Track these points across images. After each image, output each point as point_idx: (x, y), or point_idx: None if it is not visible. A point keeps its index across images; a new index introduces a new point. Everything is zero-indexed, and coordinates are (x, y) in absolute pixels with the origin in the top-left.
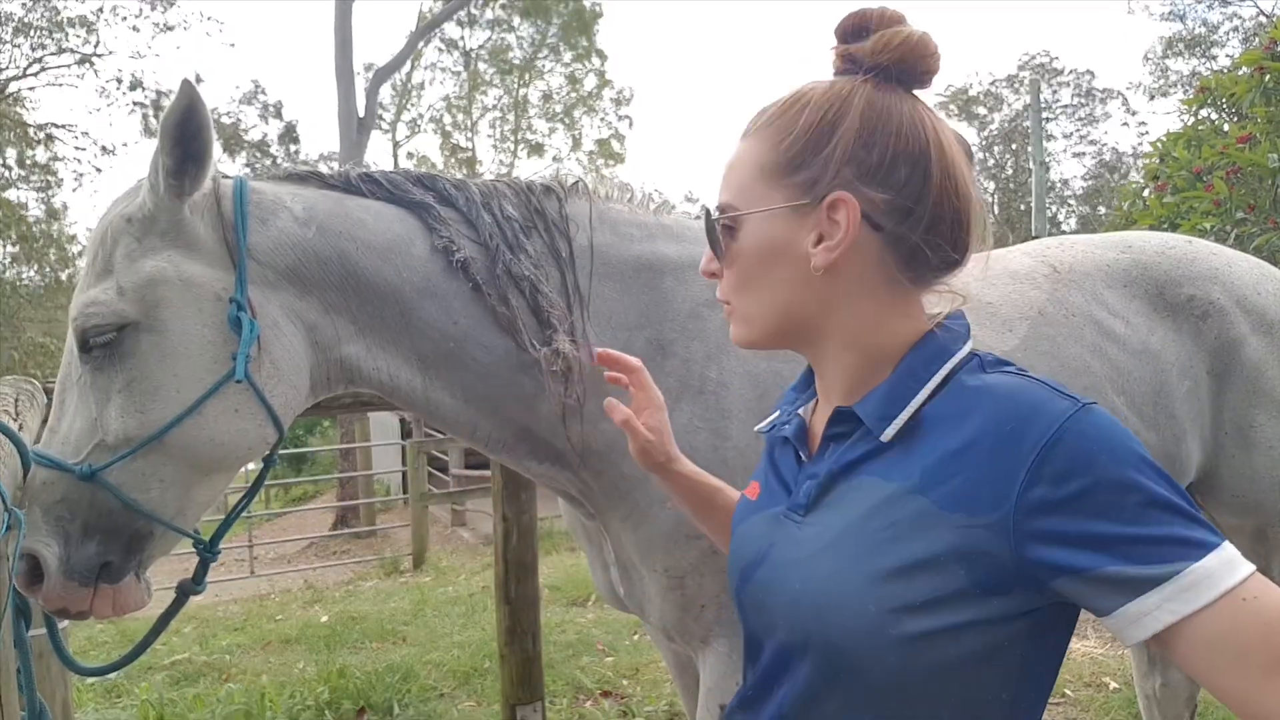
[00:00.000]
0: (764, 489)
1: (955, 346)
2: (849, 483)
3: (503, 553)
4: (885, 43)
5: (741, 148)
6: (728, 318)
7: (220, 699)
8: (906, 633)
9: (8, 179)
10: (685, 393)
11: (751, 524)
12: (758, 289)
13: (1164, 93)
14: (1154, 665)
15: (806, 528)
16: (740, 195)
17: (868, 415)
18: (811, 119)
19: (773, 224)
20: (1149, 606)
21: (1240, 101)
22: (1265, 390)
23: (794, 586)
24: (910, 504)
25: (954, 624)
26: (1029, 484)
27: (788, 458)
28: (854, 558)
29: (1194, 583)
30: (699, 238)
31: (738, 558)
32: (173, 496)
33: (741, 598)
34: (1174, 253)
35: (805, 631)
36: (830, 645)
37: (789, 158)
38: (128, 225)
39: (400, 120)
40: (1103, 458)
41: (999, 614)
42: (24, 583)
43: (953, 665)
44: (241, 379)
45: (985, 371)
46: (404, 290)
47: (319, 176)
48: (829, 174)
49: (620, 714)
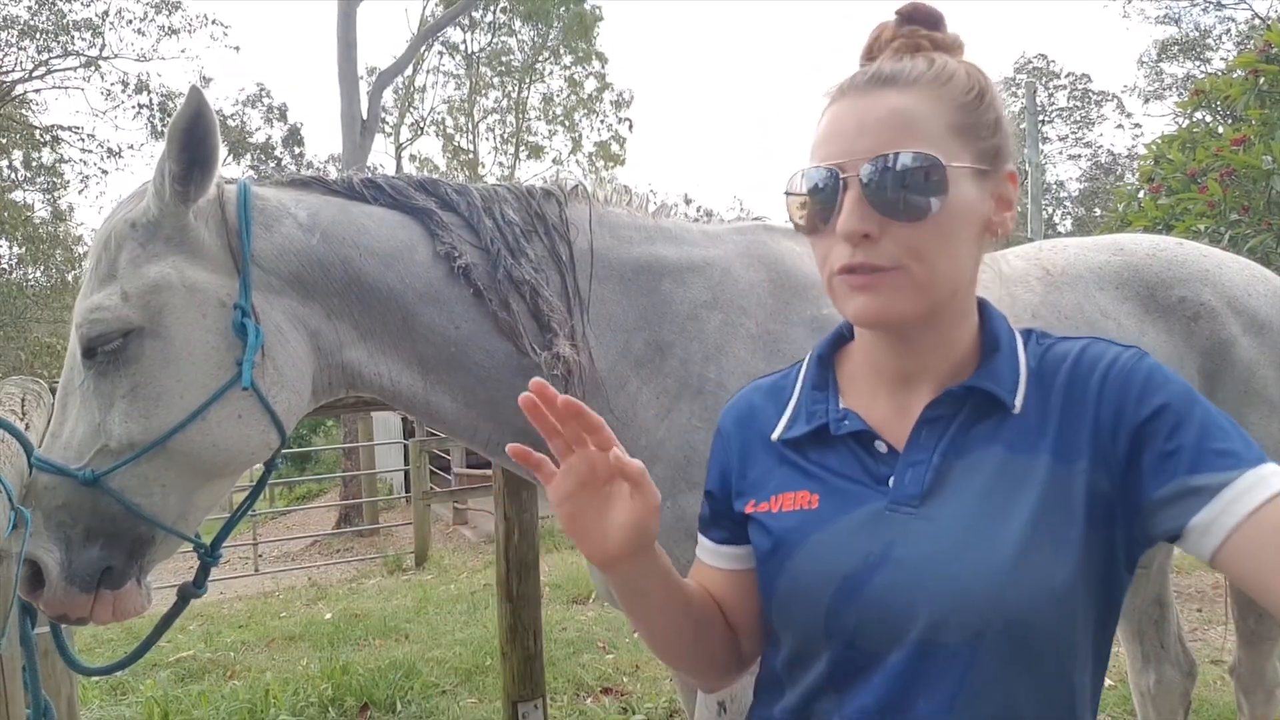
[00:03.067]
0: (825, 494)
1: (1003, 316)
2: (965, 461)
3: (504, 551)
4: (960, 42)
5: (900, 99)
6: (869, 288)
7: (225, 696)
8: (1077, 596)
9: (14, 181)
10: (684, 393)
11: (834, 531)
12: (950, 251)
13: (1159, 95)
14: (1148, 662)
15: (935, 516)
16: (938, 148)
17: (1000, 389)
18: (980, 90)
19: (968, 184)
20: (1216, 511)
21: (1235, 104)
22: (1257, 390)
23: (952, 577)
24: (1043, 467)
25: (1097, 574)
26: (1118, 416)
27: (840, 455)
28: (1017, 531)
29: (1252, 485)
30: (697, 240)
31: (825, 570)
32: (175, 501)
33: (842, 611)
34: (1165, 255)
35: (981, 621)
36: (1014, 626)
37: (973, 122)
38: (132, 230)
39: (403, 123)
40: (1168, 386)
41: (1117, 557)
42: (25, 588)
43: (1100, 620)
44: (248, 386)
45: (1039, 341)
46: (406, 296)
47: (322, 182)
48: (1005, 145)
49: (621, 711)
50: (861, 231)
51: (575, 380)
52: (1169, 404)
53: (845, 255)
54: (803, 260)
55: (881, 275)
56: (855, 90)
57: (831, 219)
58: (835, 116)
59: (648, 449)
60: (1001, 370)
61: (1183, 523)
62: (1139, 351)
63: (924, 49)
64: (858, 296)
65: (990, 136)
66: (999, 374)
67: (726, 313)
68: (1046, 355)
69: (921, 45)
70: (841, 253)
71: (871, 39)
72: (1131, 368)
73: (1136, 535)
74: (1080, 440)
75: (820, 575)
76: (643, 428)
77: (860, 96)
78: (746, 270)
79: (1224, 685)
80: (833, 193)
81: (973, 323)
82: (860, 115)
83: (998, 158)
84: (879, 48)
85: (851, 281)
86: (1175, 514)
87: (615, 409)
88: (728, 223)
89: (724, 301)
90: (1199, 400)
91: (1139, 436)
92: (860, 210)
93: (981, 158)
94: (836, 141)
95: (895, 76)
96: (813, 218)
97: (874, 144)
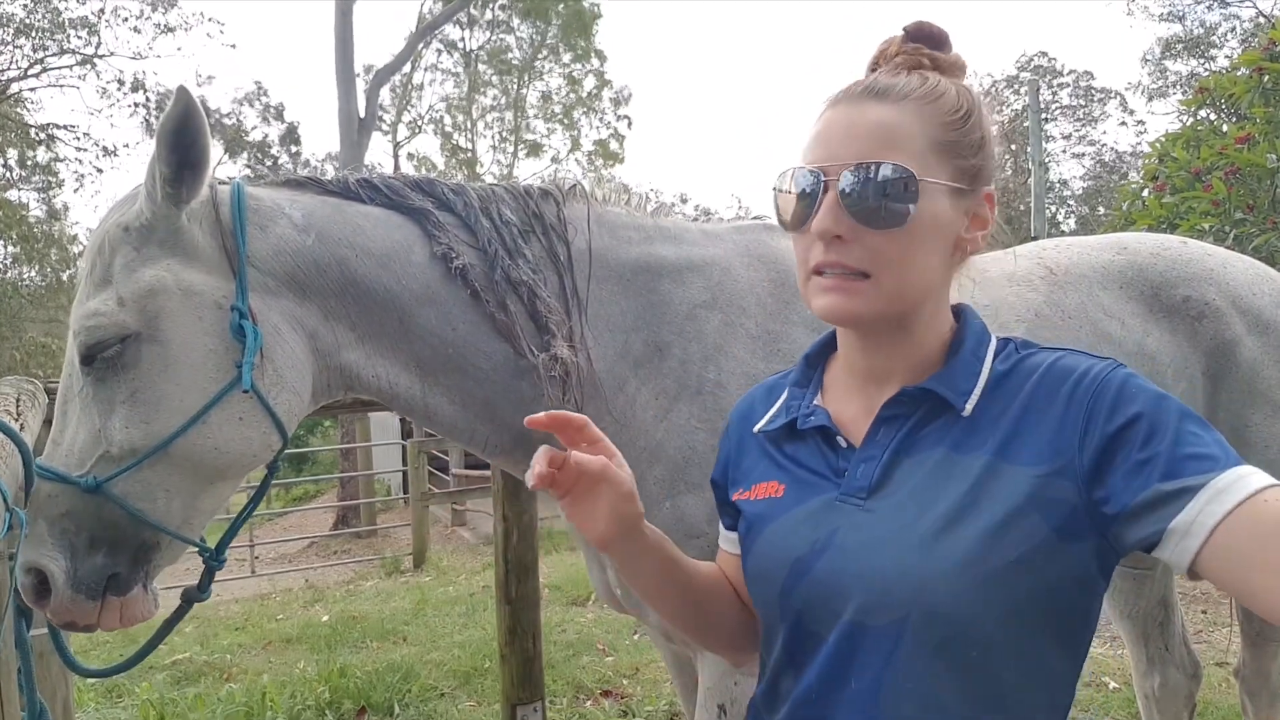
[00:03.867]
0: (790, 484)
1: (981, 325)
2: (913, 459)
3: (503, 552)
4: (962, 64)
5: (887, 113)
6: (836, 289)
7: (221, 698)
8: (1003, 591)
9: (9, 180)
10: (683, 393)
11: (791, 518)
12: (917, 261)
13: (1163, 93)
14: (1153, 665)
15: (876, 509)
16: (916, 162)
17: (951, 392)
18: (967, 110)
19: (942, 199)
20: (1195, 512)
21: (1239, 102)
22: (1261, 391)
23: (880, 565)
24: (987, 468)
25: (1042, 577)
26: (1087, 426)
27: (809, 449)
28: (944, 527)
29: (1230, 483)
30: (696, 239)
31: (780, 554)
32: (179, 506)
33: (792, 592)
34: (1169, 254)
35: (901, 607)
36: (933, 614)
37: (955, 140)
38: (125, 234)
39: (400, 121)
40: (1141, 395)
41: (1077, 564)
42: (31, 598)
43: (1038, 620)
44: (249, 388)
45: (1019, 350)
46: (403, 297)
47: (317, 182)
48: (986, 166)
49: (620, 713)
50: (834, 232)
51: (573, 382)
52: (1142, 413)
53: (819, 254)
54: None
55: (849, 280)
56: (848, 99)
57: (810, 219)
58: (827, 122)
59: (646, 450)
60: (956, 374)
61: (1162, 527)
62: (1114, 363)
63: (924, 67)
64: (826, 295)
65: (971, 157)
66: (954, 378)
67: (726, 313)
68: (1021, 364)
69: (922, 63)
70: (816, 252)
71: (878, 52)
72: (1104, 379)
73: (1110, 544)
74: (1036, 445)
75: (775, 559)
76: (641, 429)
77: (852, 105)
78: (746, 270)
79: (1228, 688)
80: (815, 194)
81: (944, 329)
82: (849, 123)
83: (977, 178)
84: (883, 61)
85: (822, 282)
86: (1153, 520)
87: (614, 410)
88: (727, 222)
89: (723, 301)
90: (1173, 409)
91: (1109, 446)
92: (835, 213)
93: (960, 176)
94: (824, 146)
95: (887, 90)
96: (796, 216)
97: (857, 152)
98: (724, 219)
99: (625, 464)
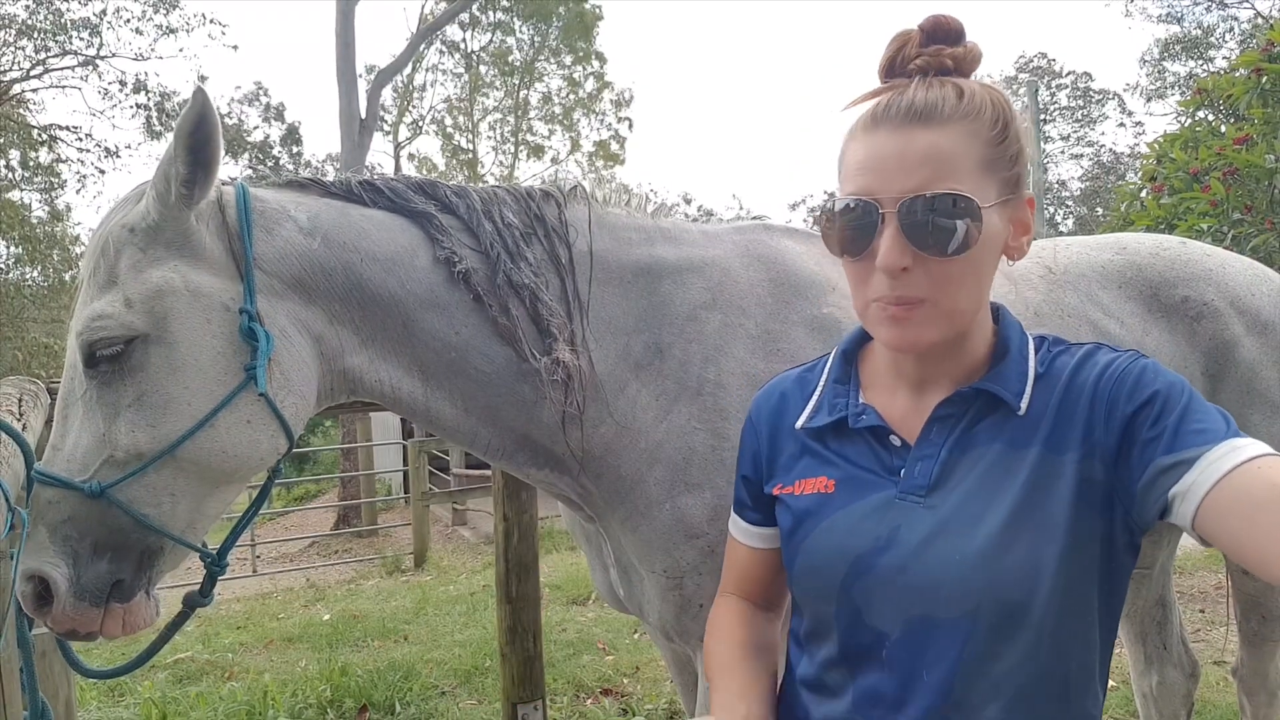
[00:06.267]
0: (842, 480)
1: (1018, 323)
2: (970, 456)
3: (503, 552)
4: (979, 54)
5: (937, 139)
6: (901, 319)
7: (223, 697)
8: (1063, 575)
9: (11, 180)
10: (683, 394)
11: (847, 515)
12: (977, 280)
13: (1161, 94)
14: (1151, 664)
15: (938, 505)
16: (971, 185)
17: (1006, 392)
18: (1005, 121)
19: (994, 215)
20: (1192, 479)
21: (1237, 103)
22: (1260, 391)
23: (950, 559)
24: (1040, 460)
25: (1092, 557)
26: (1110, 409)
27: (858, 447)
28: (1009, 519)
29: (1225, 452)
30: (696, 240)
31: (838, 550)
32: (184, 510)
33: (852, 588)
34: (1168, 254)
35: (972, 598)
36: (1003, 603)
37: (996, 154)
38: (130, 235)
39: (402, 122)
40: (1158, 379)
41: (1113, 541)
42: (31, 606)
43: (1089, 600)
44: (264, 391)
45: (1051, 348)
46: (407, 302)
47: (319, 184)
48: (1024, 172)
49: (620, 712)
50: (900, 266)
51: (575, 385)
52: (1157, 392)
53: (883, 287)
54: (802, 259)
55: (911, 308)
56: (891, 123)
57: (867, 248)
58: (873, 150)
59: (647, 451)
60: (1009, 374)
61: (1165, 494)
62: (1136, 353)
63: (948, 69)
64: (891, 326)
65: (1012, 166)
66: (1007, 378)
67: (726, 313)
68: (1055, 360)
69: (945, 65)
70: (880, 284)
71: (892, 52)
72: (1126, 367)
73: (1135, 518)
74: (1073, 433)
75: (833, 555)
76: (642, 430)
77: (897, 130)
78: (746, 270)
79: (1226, 687)
80: (871, 224)
81: (987, 330)
82: (900, 151)
83: (1019, 185)
84: (900, 64)
85: (886, 312)
86: (1160, 488)
87: (615, 413)
88: (727, 222)
89: (723, 302)
90: (1187, 391)
91: (1130, 427)
92: (899, 245)
93: (1004, 187)
94: (876, 175)
95: (930, 113)
96: (850, 244)
97: (913, 182)
98: (724, 219)
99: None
